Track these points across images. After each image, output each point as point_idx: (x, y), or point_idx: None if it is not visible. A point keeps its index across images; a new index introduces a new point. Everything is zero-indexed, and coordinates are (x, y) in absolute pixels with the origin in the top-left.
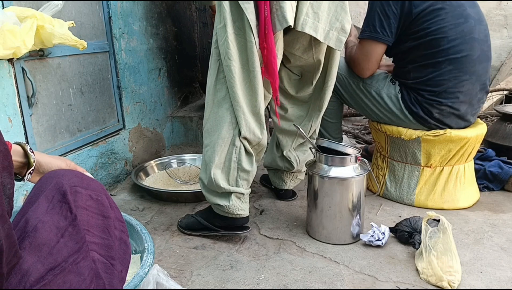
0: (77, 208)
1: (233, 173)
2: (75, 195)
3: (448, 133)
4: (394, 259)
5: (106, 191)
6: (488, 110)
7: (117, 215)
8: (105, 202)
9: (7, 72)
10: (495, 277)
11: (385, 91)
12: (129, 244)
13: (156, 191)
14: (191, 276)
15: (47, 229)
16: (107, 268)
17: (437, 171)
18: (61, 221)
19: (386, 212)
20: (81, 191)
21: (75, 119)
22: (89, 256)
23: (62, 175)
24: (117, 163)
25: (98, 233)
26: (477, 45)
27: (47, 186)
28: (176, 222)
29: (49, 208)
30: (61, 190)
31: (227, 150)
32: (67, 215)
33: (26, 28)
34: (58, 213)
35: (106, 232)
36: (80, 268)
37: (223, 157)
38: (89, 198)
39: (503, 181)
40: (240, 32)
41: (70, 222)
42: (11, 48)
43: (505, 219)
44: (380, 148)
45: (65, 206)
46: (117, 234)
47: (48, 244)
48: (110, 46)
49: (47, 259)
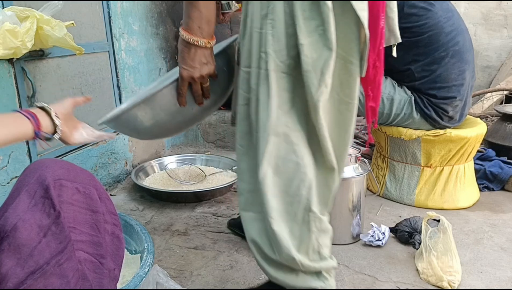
0: (61, 203)
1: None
2: (59, 189)
3: (448, 133)
4: (394, 259)
5: (96, 181)
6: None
7: (109, 208)
8: (93, 195)
9: (7, 72)
10: (495, 277)
11: (397, 96)
12: (122, 239)
13: (156, 191)
14: (191, 276)
15: (28, 228)
16: (95, 268)
17: (437, 171)
18: (43, 219)
19: (386, 212)
20: (66, 184)
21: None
22: (74, 256)
23: (46, 166)
24: (117, 163)
25: (85, 230)
26: (466, 35)
27: (29, 179)
28: (176, 222)
29: (30, 204)
30: (44, 184)
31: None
32: (50, 212)
33: (26, 28)
34: (41, 210)
35: (94, 228)
36: (63, 270)
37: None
38: (75, 192)
39: (503, 181)
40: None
41: (53, 219)
42: (11, 48)
43: (505, 219)
44: (380, 148)
45: (48, 202)
46: (108, 228)
47: (28, 245)
48: (110, 46)
49: (28, 262)
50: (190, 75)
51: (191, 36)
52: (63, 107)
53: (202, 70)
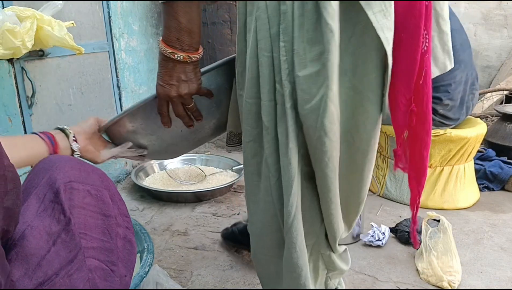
0: (72, 208)
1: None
2: (70, 193)
3: (448, 133)
4: (394, 259)
5: (108, 181)
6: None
7: (121, 210)
8: (105, 197)
9: (7, 72)
10: (495, 277)
11: None
12: (134, 243)
13: (156, 191)
14: (191, 276)
15: (37, 236)
16: (106, 275)
17: (437, 171)
18: (53, 226)
19: (386, 212)
20: (77, 187)
21: (75, 119)
22: (85, 265)
23: (56, 167)
24: (117, 163)
25: (97, 236)
26: (457, 35)
27: (39, 180)
28: (176, 222)
29: (40, 209)
30: (54, 187)
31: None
32: (60, 218)
33: (26, 28)
34: (50, 215)
35: (106, 234)
36: (73, 280)
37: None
38: (87, 195)
39: (503, 181)
40: (350, 77)
41: (63, 226)
42: (11, 48)
43: (505, 219)
44: (380, 148)
45: (58, 207)
46: (120, 232)
47: (37, 254)
48: (110, 46)
49: (36, 273)
50: (166, 93)
51: (168, 48)
52: (87, 126)
53: (181, 89)
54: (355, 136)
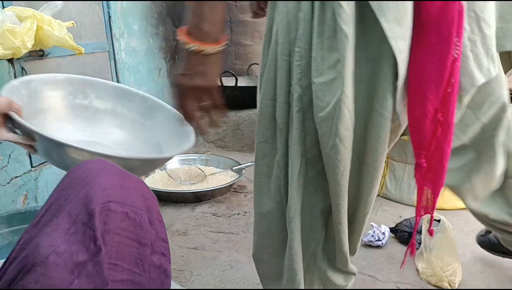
0: (106, 233)
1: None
2: (106, 216)
3: None
4: (394, 259)
5: (150, 199)
6: None
7: (159, 234)
8: (144, 222)
9: (7, 72)
10: (495, 277)
11: None
12: (169, 273)
13: (156, 191)
14: (191, 276)
15: (61, 264)
16: None
17: None
18: (80, 254)
19: (386, 212)
20: (115, 208)
21: None
22: None
23: (95, 181)
24: None
25: (128, 267)
26: None
27: (74, 194)
28: (176, 222)
29: (70, 231)
30: (89, 209)
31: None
32: (89, 247)
33: (26, 28)
34: (80, 241)
35: (139, 265)
36: None
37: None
38: (125, 218)
39: None
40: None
41: (91, 256)
42: (11, 48)
43: None
44: None
45: (89, 233)
46: (155, 261)
47: (58, 286)
48: (110, 46)
49: None
50: (181, 82)
51: (185, 37)
52: None
53: (195, 81)
54: (367, 147)
